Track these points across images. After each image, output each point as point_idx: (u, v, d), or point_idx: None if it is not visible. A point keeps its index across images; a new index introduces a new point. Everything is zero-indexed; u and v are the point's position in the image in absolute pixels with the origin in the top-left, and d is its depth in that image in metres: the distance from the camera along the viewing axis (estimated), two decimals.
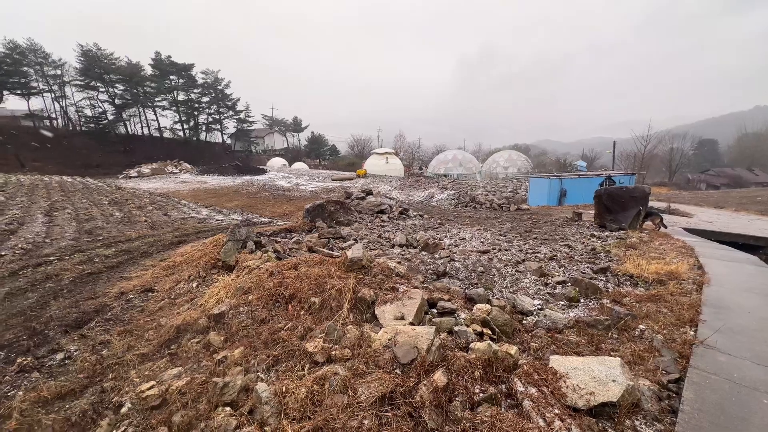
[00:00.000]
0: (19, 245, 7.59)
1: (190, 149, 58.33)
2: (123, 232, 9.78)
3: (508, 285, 5.47)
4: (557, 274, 5.95)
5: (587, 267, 6.33)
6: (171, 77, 58.27)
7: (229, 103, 64.81)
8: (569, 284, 5.20)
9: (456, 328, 2.89)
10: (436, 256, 7.31)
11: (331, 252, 6.18)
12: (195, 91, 61.12)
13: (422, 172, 47.79)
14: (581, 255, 7.38)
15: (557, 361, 2.44)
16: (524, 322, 3.70)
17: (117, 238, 8.93)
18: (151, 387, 2.41)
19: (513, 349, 2.62)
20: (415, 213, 16.22)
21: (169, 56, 57.40)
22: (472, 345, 2.61)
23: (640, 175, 47.81)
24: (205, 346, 2.97)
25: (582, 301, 4.66)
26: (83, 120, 53.41)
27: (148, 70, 56.06)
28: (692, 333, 3.25)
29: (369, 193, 16.88)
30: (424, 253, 7.87)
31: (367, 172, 41.42)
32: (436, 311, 3.26)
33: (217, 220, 13.27)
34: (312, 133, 79.77)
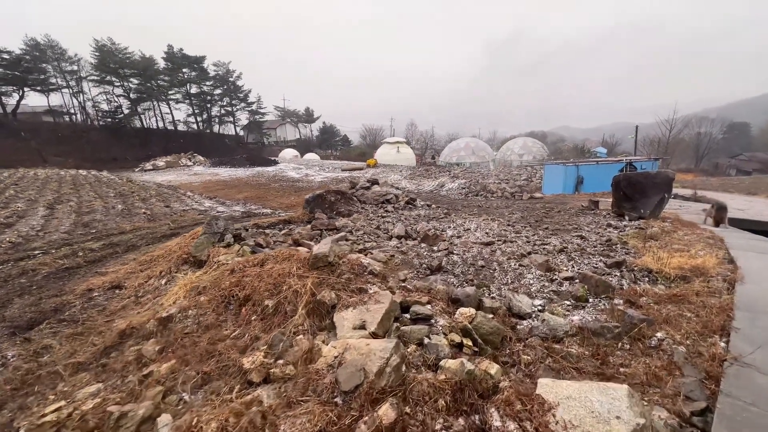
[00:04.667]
0: (8, 239, 7.47)
1: (204, 141, 58.86)
2: (119, 224, 9.63)
3: (509, 281, 4.93)
4: (565, 268, 5.37)
5: (600, 260, 5.71)
6: (183, 70, 58.62)
7: (241, 95, 64.92)
8: (577, 281, 4.63)
9: (426, 340, 2.42)
10: (435, 248, 6.80)
11: (313, 245, 5.76)
12: (207, 83, 61.40)
13: (434, 161, 46.89)
14: (594, 247, 6.73)
15: (547, 387, 1.94)
16: (519, 327, 3.18)
17: (111, 231, 8.76)
18: (56, 410, 2.04)
19: (493, 368, 2.13)
20: (422, 203, 15.65)
21: (181, 49, 57.68)
22: (442, 362, 2.13)
23: (665, 161, 45.59)
24: (138, 357, 2.60)
25: (590, 300, 4.09)
26: (100, 114, 54.44)
27: (161, 64, 56.47)
28: (723, 345, 2.68)
29: (375, 182, 16.37)
30: (423, 245, 7.37)
31: (378, 161, 40.85)
32: (408, 317, 2.79)
33: (218, 212, 13.06)
34: (323, 123, 79.39)
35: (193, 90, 60.48)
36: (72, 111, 53.99)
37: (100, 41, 51.17)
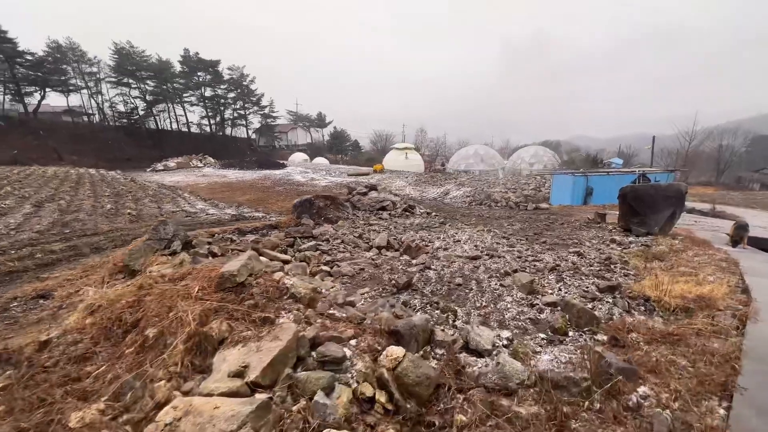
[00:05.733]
0: None
1: (216, 144, 59.51)
2: (98, 225, 9.36)
3: (483, 304, 4.34)
4: (551, 291, 4.74)
5: (593, 283, 5.05)
6: (199, 73, 59.58)
7: (254, 99, 65.63)
8: (559, 308, 4.00)
9: (319, 396, 1.86)
10: (414, 261, 6.23)
11: (276, 255, 5.27)
12: (221, 87, 62.25)
13: (444, 168, 46.24)
14: (591, 266, 6.06)
15: None
16: (469, 370, 2.60)
17: (85, 232, 8.48)
18: None
19: None
20: (422, 210, 15.10)
21: (197, 53, 58.71)
22: None
23: (683, 173, 43.79)
24: None
25: (570, 334, 3.47)
26: (116, 115, 55.64)
27: (177, 67, 57.52)
28: (722, 412, 2.05)
29: (372, 188, 15.90)
30: (404, 257, 6.80)
31: (386, 167, 40.42)
32: (316, 357, 2.24)
33: (207, 214, 12.75)
34: (335, 128, 79.56)
35: (208, 93, 61.40)
36: (90, 111, 55.34)
37: (119, 44, 52.49)
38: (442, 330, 3.23)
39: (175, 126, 60.69)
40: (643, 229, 8.96)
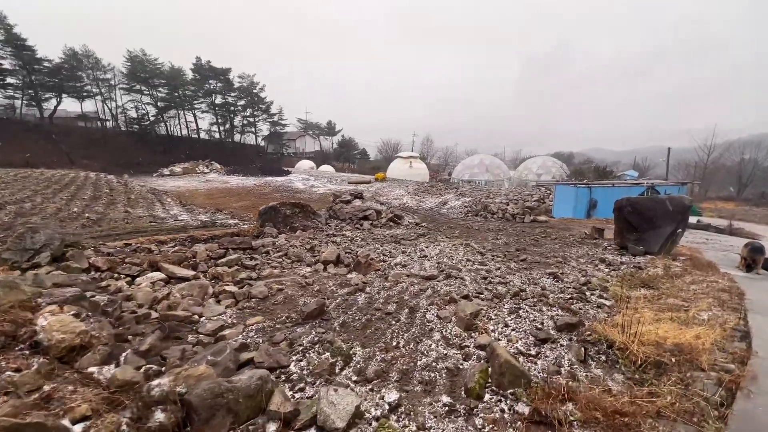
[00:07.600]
0: None
1: (225, 150, 59.93)
2: None
3: (401, 343, 3.40)
4: (495, 327, 3.75)
5: (554, 316, 4.04)
6: (210, 81, 60.37)
7: (263, 107, 66.09)
8: (484, 357, 3.03)
9: None
10: (351, 282, 5.31)
11: (175, 270, 4.45)
12: (232, 94, 62.88)
13: (450, 178, 45.17)
14: (563, 292, 5.03)
15: None
16: None
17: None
18: None
19: None
20: (411, 220, 14.21)
21: (209, 61, 59.50)
22: None
23: (702, 187, 41.52)
24: None
25: (486, 399, 2.51)
26: (128, 121, 56.62)
27: (189, 75, 58.41)
28: None
29: (357, 196, 15.05)
30: (353, 274, 5.91)
31: (389, 176, 39.64)
32: None
33: (177, 220, 12.11)
34: (342, 136, 79.48)
35: (218, 100, 62.07)
36: (103, 117, 56.51)
37: (133, 52, 53.64)
38: (293, 392, 2.32)
39: (185, 132, 61.48)
40: (640, 248, 7.83)
